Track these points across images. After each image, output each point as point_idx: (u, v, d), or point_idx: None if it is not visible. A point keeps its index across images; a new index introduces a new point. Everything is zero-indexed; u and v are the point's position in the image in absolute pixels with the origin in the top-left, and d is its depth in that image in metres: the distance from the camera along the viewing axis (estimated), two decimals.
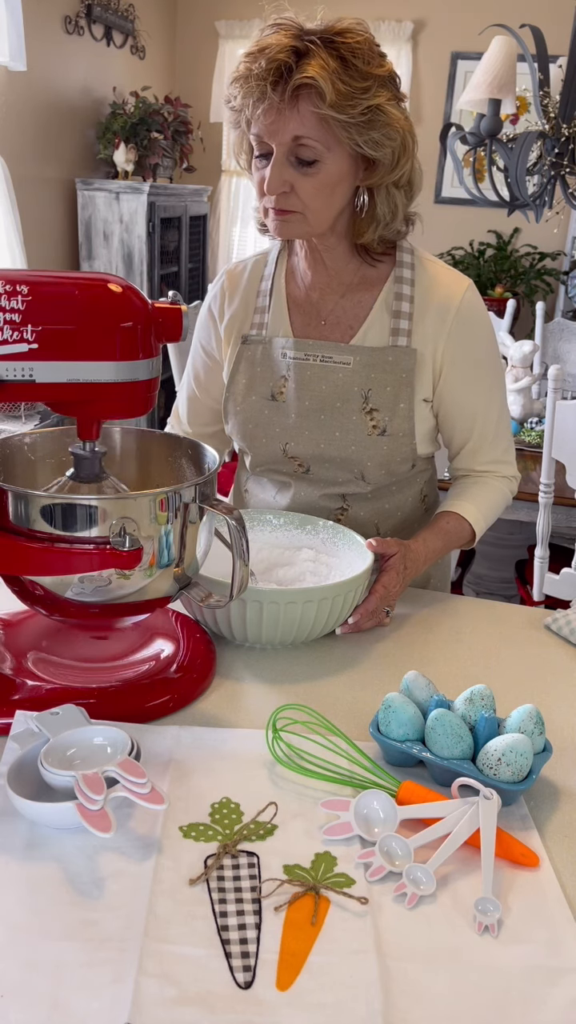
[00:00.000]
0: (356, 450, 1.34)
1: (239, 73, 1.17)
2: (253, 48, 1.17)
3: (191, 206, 5.16)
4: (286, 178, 1.19)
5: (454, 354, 1.33)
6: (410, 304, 1.32)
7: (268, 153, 1.20)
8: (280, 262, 1.40)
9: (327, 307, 1.36)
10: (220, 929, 0.72)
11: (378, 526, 1.42)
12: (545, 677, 1.15)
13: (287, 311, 1.38)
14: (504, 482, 1.43)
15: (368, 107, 1.15)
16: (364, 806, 0.84)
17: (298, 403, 1.34)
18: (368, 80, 1.15)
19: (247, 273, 1.42)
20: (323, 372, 1.33)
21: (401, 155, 1.22)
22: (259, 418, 1.37)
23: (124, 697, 0.99)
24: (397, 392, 1.32)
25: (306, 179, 1.19)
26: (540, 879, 0.80)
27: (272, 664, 1.13)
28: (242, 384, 1.38)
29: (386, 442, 1.33)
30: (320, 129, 1.16)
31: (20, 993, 0.66)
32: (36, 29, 4.02)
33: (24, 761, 0.85)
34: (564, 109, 2.59)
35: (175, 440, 1.14)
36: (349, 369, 1.32)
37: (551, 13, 4.29)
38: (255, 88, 1.15)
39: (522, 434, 2.96)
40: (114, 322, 0.89)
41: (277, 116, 1.16)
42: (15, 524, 0.92)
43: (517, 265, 5.58)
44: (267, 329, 1.38)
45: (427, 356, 1.33)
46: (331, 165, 1.19)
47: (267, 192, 1.21)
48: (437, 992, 0.68)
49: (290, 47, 1.13)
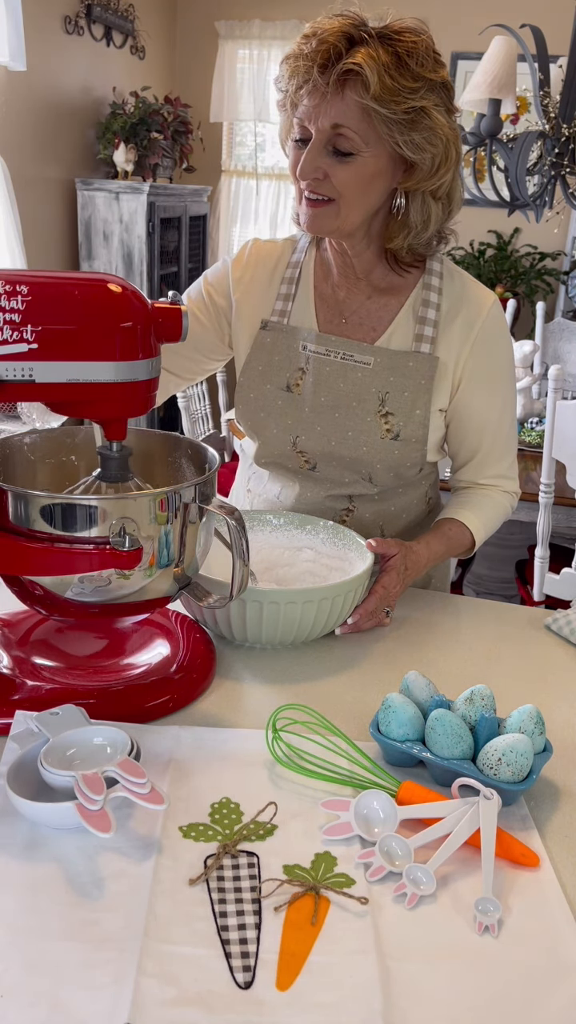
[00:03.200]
0: (367, 451, 1.33)
1: (291, 52, 1.17)
2: (309, 30, 1.17)
3: (191, 206, 5.16)
4: (320, 164, 1.18)
5: (475, 367, 1.33)
6: (436, 312, 1.32)
7: (307, 138, 1.19)
8: (309, 251, 1.39)
9: (351, 307, 1.35)
10: (220, 929, 0.72)
11: (383, 528, 1.42)
12: (545, 677, 1.15)
13: (313, 302, 1.37)
14: (506, 497, 1.44)
15: (413, 107, 1.14)
16: (364, 806, 0.84)
17: (314, 398, 1.34)
18: (419, 81, 1.14)
19: (277, 253, 1.40)
20: (343, 370, 1.33)
21: (442, 164, 1.20)
22: (272, 407, 1.36)
23: (124, 697, 0.99)
24: (415, 398, 1.31)
25: (340, 168, 1.18)
26: (540, 879, 0.80)
27: (272, 664, 1.13)
28: (257, 371, 1.37)
29: (398, 447, 1.33)
30: (361, 120, 1.15)
31: (20, 993, 0.66)
32: (36, 29, 4.02)
33: (24, 761, 0.85)
34: (564, 109, 2.59)
35: (175, 440, 1.14)
36: (369, 370, 1.32)
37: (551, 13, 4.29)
38: (301, 68, 1.15)
39: (522, 434, 2.96)
40: (114, 322, 0.89)
41: (320, 100, 1.15)
42: (15, 524, 0.92)
43: (517, 265, 5.58)
44: (290, 318, 1.37)
45: (449, 366, 1.33)
46: (368, 159, 1.18)
47: (300, 176, 1.20)
48: (437, 992, 0.68)
49: (343, 33, 1.13)
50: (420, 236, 1.28)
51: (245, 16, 5.53)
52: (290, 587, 1.12)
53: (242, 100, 5.66)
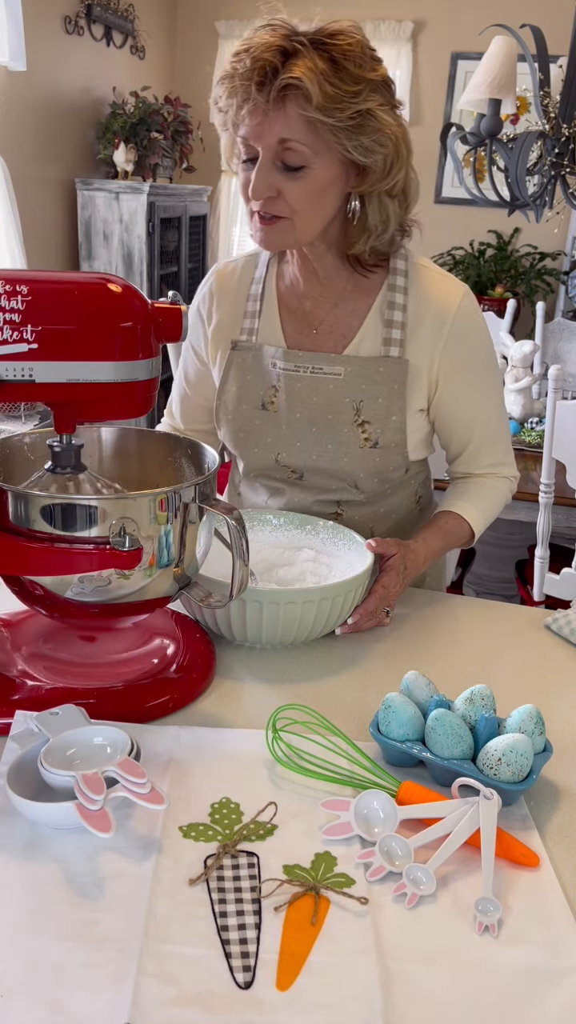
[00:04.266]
0: (348, 462, 1.32)
1: (225, 72, 1.14)
2: (240, 47, 1.13)
3: (191, 206, 5.16)
4: (272, 182, 1.16)
5: (452, 365, 1.31)
6: (403, 313, 1.29)
7: (254, 157, 1.17)
8: (271, 265, 1.38)
9: (319, 316, 1.33)
10: (220, 929, 0.72)
11: (372, 528, 1.42)
12: (545, 677, 1.15)
13: (279, 318, 1.35)
14: (504, 482, 1.43)
15: (358, 111, 1.11)
16: (364, 806, 0.84)
17: (289, 415, 1.33)
18: (359, 84, 1.11)
19: (237, 274, 1.39)
20: (314, 384, 1.31)
21: (394, 163, 1.18)
22: (250, 427, 1.36)
23: (124, 697, 0.99)
24: (389, 404, 1.30)
25: (293, 184, 1.16)
26: (540, 879, 0.80)
27: (272, 664, 1.13)
28: (232, 392, 1.36)
29: (378, 454, 1.32)
30: (307, 133, 1.12)
31: (20, 993, 0.66)
32: (36, 29, 4.02)
33: (24, 761, 0.85)
34: (564, 109, 2.58)
35: (175, 440, 1.14)
36: (340, 380, 1.30)
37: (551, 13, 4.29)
38: (239, 88, 1.12)
39: (522, 434, 2.96)
40: (114, 322, 0.89)
41: (263, 118, 1.12)
42: (15, 524, 0.92)
43: (517, 265, 5.58)
44: (257, 336, 1.35)
45: (422, 367, 1.30)
46: (319, 171, 1.15)
47: (252, 197, 1.17)
48: (437, 992, 0.68)
49: (277, 47, 1.10)
50: (382, 237, 1.25)
51: (245, 16, 5.52)
52: (290, 587, 1.12)
53: None
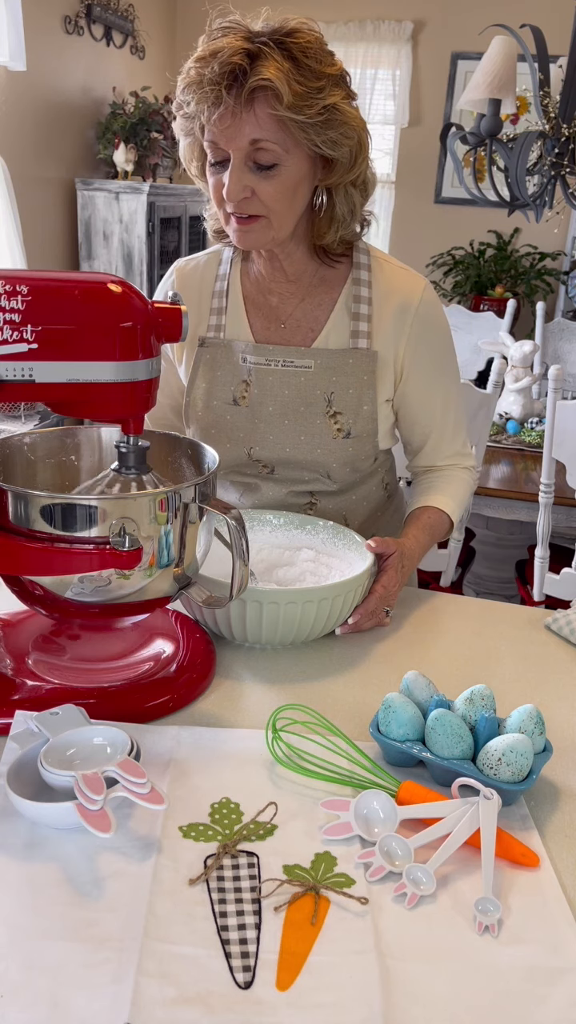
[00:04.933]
0: (322, 452, 1.34)
1: (191, 79, 1.14)
2: (203, 52, 1.14)
3: (191, 206, 5.16)
4: (246, 183, 1.17)
5: (415, 354, 1.34)
6: (368, 306, 1.32)
7: (224, 160, 1.18)
8: (235, 262, 1.39)
9: (286, 311, 1.35)
10: (220, 929, 0.72)
11: (346, 517, 1.43)
12: (545, 677, 1.15)
13: (245, 313, 1.37)
14: (467, 472, 1.46)
15: (325, 107, 1.14)
16: (364, 806, 0.84)
17: (261, 408, 1.34)
18: (322, 79, 1.14)
19: (200, 271, 1.40)
20: (285, 377, 1.33)
21: (358, 153, 1.21)
22: (221, 423, 1.36)
23: (124, 697, 0.99)
24: (360, 394, 1.32)
25: (266, 183, 1.18)
26: (540, 879, 0.80)
27: (272, 664, 1.13)
28: (202, 389, 1.37)
29: (351, 444, 1.34)
30: (278, 131, 1.14)
31: (20, 993, 0.66)
32: (36, 29, 4.02)
33: (24, 761, 0.85)
34: (564, 109, 2.58)
35: (175, 440, 1.14)
36: (311, 373, 1.32)
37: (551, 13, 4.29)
38: (209, 93, 1.12)
39: (522, 434, 2.96)
40: (114, 322, 0.89)
41: (233, 120, 1.14)
42: (15, 524, 0.92)
43: (517, 265, 5.58)
44: (225, 332, 1.36)
45: (388, 357, 1.33)
46: (291, 167, 1.18)
47: (228, 199, 1.19)
48: (437, 992, 0.68)
49: (243, 49, 1.11)
50: (349, 226, 1.29)
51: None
52: (290, 587, 1.12)
53: None
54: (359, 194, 1.27)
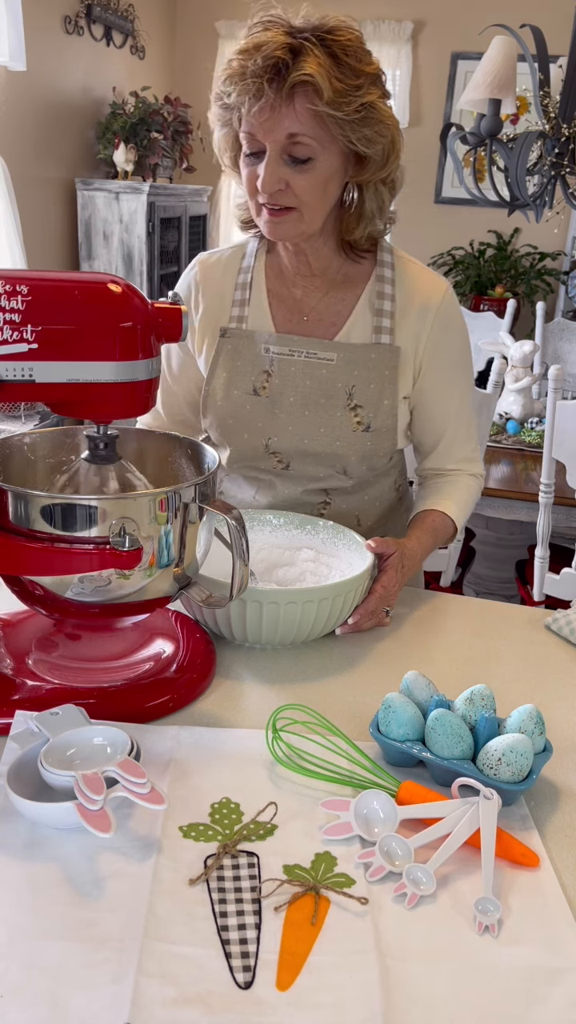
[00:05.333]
0: (340, 445, 1.35)
1: (233, 70, 1.17)
2: (247, 45, 1.16)
3: (191, 206, 5.16)
4: (280, 175, 1.19)
5: (434, 352, 1.36)
6: (392, 303, 1.34)
7: (259, 151, 1.20)
8: (259, 255, 1.40)
9: (310, 304, 1.37)
10: (220, 929, 0.72)
11: (359, 518, 1.44)
12: (545, 677, 1.15)
13: (268, 305, 1.38)
14: (473, 480, 1.47)
15: (362, 104, 1.16)
16: (364, 806, 0.84)
17: (282, 398, 1.35)
18: (360, 77, 1.15)
19: (223, 264, 1.42)
20: (307, 368, 1.34)
21: (391, 152, 1.23)
22: (240, 413, 1.37)
23: (124, 697, 0.99)
24: (381, 389, 1.33)
25: (300, 176, 1.20)
26: (540, 879, 0.80)
27: (272, 664, 1.13)
28: (222, 378, 1.38)
29: (370, 438, 1.35)
30: (315, 126, 1.16)
31: (20, 993, 0.66)
32: (36, 29, 4.01)
33: (24, 761, 0.85)
34: (564, 109, 2.58)
35: (175, 440, 1.14)
36: (333, 365, 1.33)
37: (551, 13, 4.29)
38: (251, 85, 1.14)
39: (522, 434, 2.96)
40: (114, 322, 0.89)
41: (272, 113, 1.16)
42: (15, 524, 0.92)
43: (517, 265, 5.57)
44: (247, 323, 1.38)
45: (408, 353, 1.35)
46: (325, 162, 1.20)
47: (262, 190, 1.21)
48: (437, 992, 0.68)
49: (286, 44, 1.13)
50: (377, 223, 1.31)
51: (245, 16, 5.48)
52: (290, 587, 1.12)
53: None
54: (388, 192, 1.29)
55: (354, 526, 1.42)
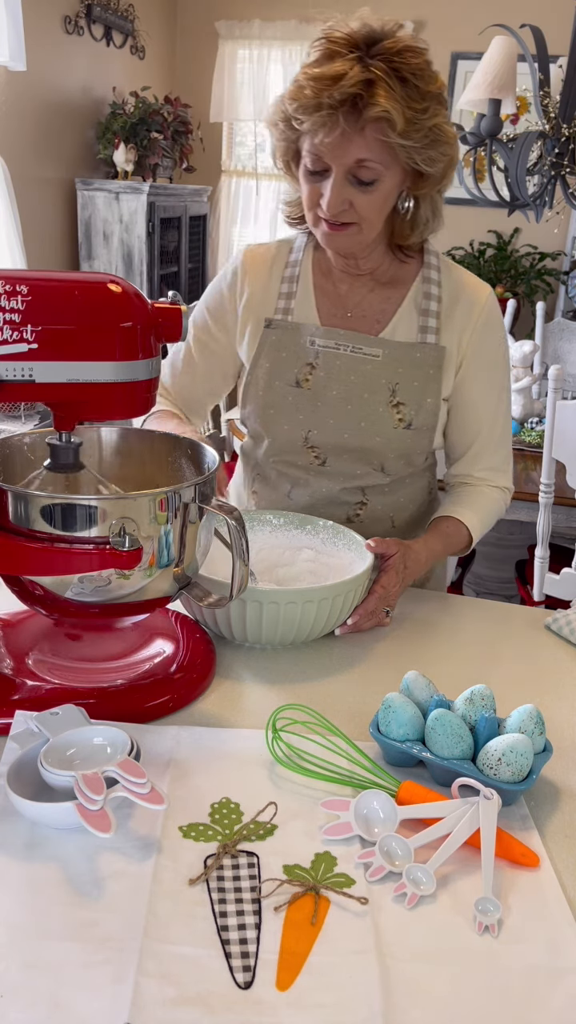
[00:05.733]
0: (380, 441, 1.35)
1: (307, 99, 1.16)
2: (322, 73, 1.15)
3: (191, 206, 5.16)
4: (345, 196, 1.22)
5: (475, 352, 1.37)
6: (437, 303, 1.36)
7: (323, 170, 1.22)
8: (307, 250, 1.42)
9: (354, 300, 1.38)
10: (220, 929, 0.72)
11: (393, 519, 1.44)
12: (545, 677, 1.15)
13: (314, 298, 1.39)
14: (499, 493, 1.45)
15: (429, 128, 1.18)
16: (364, 806, 0.84)
17: (325, 391, 1.36)
18: (427, 100, 1.17)
19: (271, 256, 1.43)
20: (352, 363, 1.35)
21: (449, 167, 1.26)
22: (282, 404, 1.38)
23: (124, 697, 0.99)
24: (424, 387, 1.35)
25: (364, 196, 1.22)
26: (540, 879, 0.80)
27: (272, 664, 1.13)
28: (265, 368, 1.38)
29: (410, 435, 1.36)
30: (383, 152, 1.19)
31: (20, 993, 0.66)
32: (36, 29, 4.01)
33: (24, 761, 0.85)
34: (564, 109, 2.58)
35: (175, 440, 1.14)
36: (378, 361, 1.35)
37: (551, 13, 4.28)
38: (327, 118, 1.16)
39: (522, 434, 2.96)
40: (114, 322, 0.89)
41: (342, 139, 1.17)
42: (15, 524, 0.92)
43: (517, 265, 5.58)
44: (293, 314, 1.39)
45: (452, 353, 1.36)
46: (388, 182, 1.22)
47: (328, 211, 1.23)
48: (437, 992, 0.68)
49: (362, 80, 1.13)
50: (431, 228, 1.33)
51: (245, 16, 5.52)
52: (290, 587, 1.12)
53: (242, 100, 5.66)
54: (440, 197, 1.31)
55: (388, 528, 1.43)
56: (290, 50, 5.52)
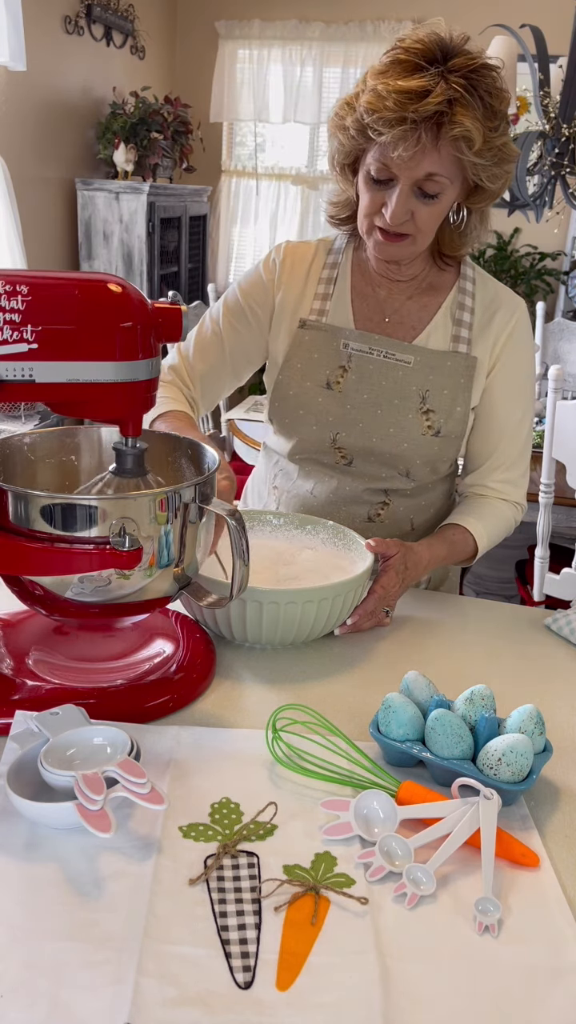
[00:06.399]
0: (408, 447, 1.36)
1: (391, 113, 1.14)
2: (407, 88, 1.14)
3: (191, 206, 5.16)
4: (409, 207, 1.22)
5: (504, 366, 1.38)
6: (471, 315, 1.37)
7: (388, 179, 1.22)
8: (346, 252, 1.42)
9: (392, 306, 1.39)
10: (220, 929, 0.72)
11: (412, 521, 1.44)
12: (545, 677, 1.15)
13: (351, 301, 1.39)
14: (511, 507, 1.45)
15: (499, 146, 1.19)
16: (364, 806, 0.84)
17: (356, 395, 1.36)
18: (499, 119, 1.18)
19: (311, 255, 1.42)
20: (384, 368, 1.36)
21: (507, 184, 1.26)
22: (312, 405, 1.38)
23: (124, 697, 0.99)
24: (454, 396, 1.35)
25: (426, 208, 1.23)
26: (540, 879, 0.80)
27: (272, 664, 1.13)
28: (297, 368, 1.39)
29: (438, 443, 1.36)
30: (453, 167, 1.19)
31: (20, 993, 0.66)
32: (36, 29, 4.01)
33: (24, 761, 0.85)
34: (564, 109, 2.58)
35: (175, 440, 1.14)
36: (410, 368, 1.35)
37: (551, 13, 4.28)
38: (410, 133, 1.15)
39: None
40: (114, 322, 0.89)
41: (415, 152, 1.17)
42: (15, 524, 0.92)
43: (517, 265, 5.57)
44: (328, 316, 1.39)
45: (484, 364, 1.37)
46: (450, 195, 1.23)
47: (392, 222, 1.23)
48: (437, 992, 0.68)
49: (446, 99, 1.13)
50: (479, 239, 1.35)
51: (245, 16, 5.52)
52: (290, 587, 1.12)
53: (242, 100, 5.66)
54: (489, 211, 1.32)
55: (407, 530, 1.43)
56: (290, 50, 5.52)
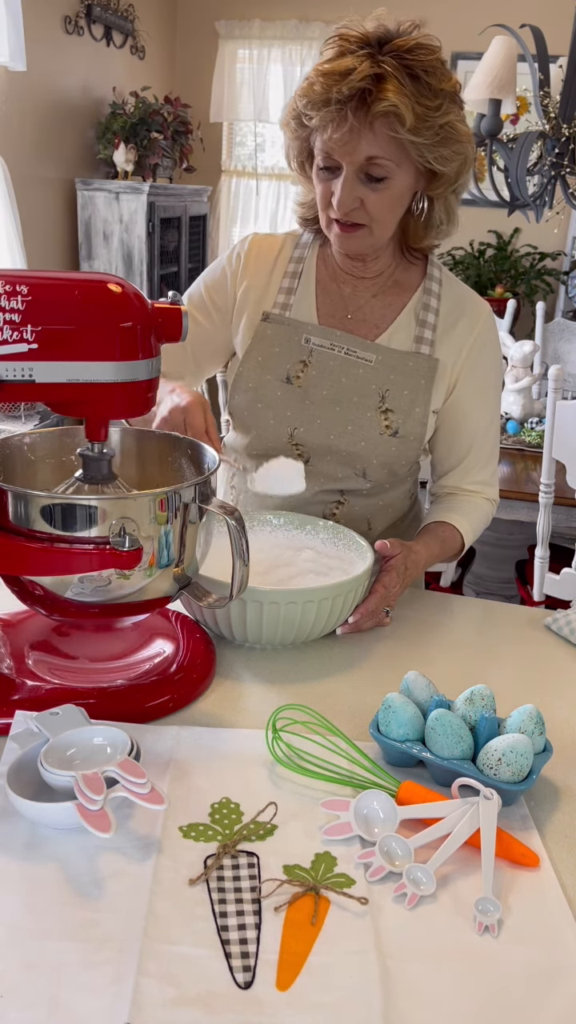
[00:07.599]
0: (365, 446, 1.35)
1: (316, 95, 1.16)
2: (332, 69, 1.15)
3: (191, 206, 5.16)
4: (356, 194, 1.21)
5: (471, 370, 1.37)
6: (435, 316, 1.36)
7: (334, 167, 1.21)
8: (313, 247, 1.41)
9: (356, 303, 1.38)
10: (220, 929, 0.72)
11: (370, 521, 1.43)
12: (545, 677, 1.15)
13: (315, 297, 1.39)
14: (488, 504, 1.46)
15: (441, 125, 1.17)
16: (364, 806, 0.84)
17: (315, 391, 1.35)
18: (440, 97, 1.16)
19: (276, 247, 1.42)
20: (345, 365, 1.35)
21: (463, 167, 1.24)
22: (271, 398, 1.37)
23: (124, 697, 0.99)
24: (414, 397, 1.34)
25: (375, 194, 1.22)
26: (540, 879, 0.80)
27: (272, 664, 1.13)
28: (257, 361, 1.38)
29: (396, 443, 1.35)
30: (393, 149, 1.18)
31: (20, 993, 0.66)
32: (36, 29, 4.01)
33: (24, 761, 0.85)
34: (564, 109, 2.58)
35: (174, 440, 1.14)
36: (371, 367, 1.34)
37: (551, 13, 4.28)
38: (336, 113, 1.15)
39: (522, 434, 2.96)
40: (114, 322, 0.89)
41: (351, 136, 1.17)
42: (15, 524, 0.92)
43: (517, 265, 5.57)
44: (291, 310, 1.38)
45: (447, 368, 1.36)
46: (400, 180, 1.21)
47: (339, 209, 1.23)
48: (437, 992, 0.68)
49: (370, 74, 1.13)
50: (446, 231, 1.33)
51: (245, 16, 5.52)
52: (290, 587, 1.12)
53: (242, 100, 5.66)
54: (455, 199, 1.30)
55: (365, 530, 1.42)
56: (290, 50, 5.52)
